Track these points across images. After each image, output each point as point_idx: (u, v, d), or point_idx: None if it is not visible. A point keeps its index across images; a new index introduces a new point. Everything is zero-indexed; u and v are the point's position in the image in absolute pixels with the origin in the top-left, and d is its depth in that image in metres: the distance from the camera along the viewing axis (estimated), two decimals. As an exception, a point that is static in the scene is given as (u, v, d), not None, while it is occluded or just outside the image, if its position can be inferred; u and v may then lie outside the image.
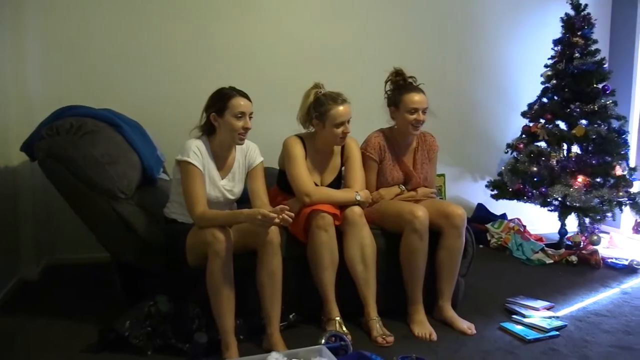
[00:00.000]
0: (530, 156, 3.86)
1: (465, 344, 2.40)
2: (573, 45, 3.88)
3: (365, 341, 2.37)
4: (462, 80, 4.36)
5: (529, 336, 2.45)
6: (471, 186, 4.45)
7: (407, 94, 2.70)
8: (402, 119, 2.72)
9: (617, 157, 3.73)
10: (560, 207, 3.75)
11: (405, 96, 2.69)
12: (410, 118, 2.68)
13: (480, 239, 4.10)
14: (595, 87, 3.83)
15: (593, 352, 2.34)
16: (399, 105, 2.70)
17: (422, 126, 2.75)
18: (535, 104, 4.03)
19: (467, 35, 4.35)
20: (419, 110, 2.68)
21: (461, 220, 2.54)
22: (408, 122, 2.70)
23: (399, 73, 2.79)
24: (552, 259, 3.71)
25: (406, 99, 2.68)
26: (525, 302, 2.82)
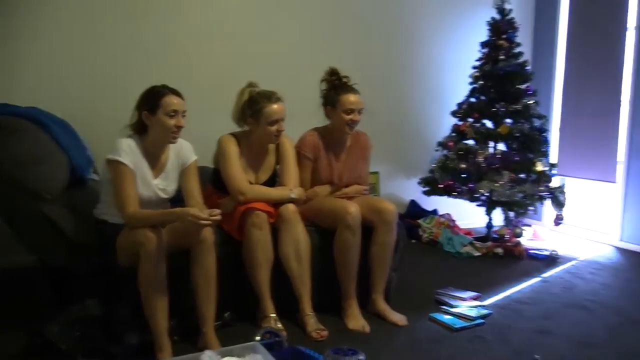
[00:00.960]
0: (459, 154, 4.03)
1: (396, 334, 2.49)
2: (498, 48, 4.08)
3: (301, 336, 2.41)
4: (395, 81, 4.50)
5: (457, 325, 2.56)
6: (404, 183, 4.59)
7: (343, 94, 2.75)
8: (338, 119, 2.77)
9: (538, 154, 3.96)
10: (487, 201, 3.93)
11: (342, 96, 2.75)
12: (346, 118, 2.74)
13: (413, 234, 4.24)
14: (518, 87, 4.05)
15: (515, 337, 2.48)
16: (336, 105, 2.75)
17: (357, 126, 2.81)
18: (464, 104, 4.21)
19: (401, 37, 4.48)
20: (355, 110, 2.74)
21: (392, 215, 2.62)
22: (344, 121, 2.75)
23: (334, 72, 2.84)
24: (480, 252, 3.90)
25: (343, 99, 2.74)
26: (454, 293, 2.95)
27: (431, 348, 2.36)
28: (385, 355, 2.27)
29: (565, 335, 2.52)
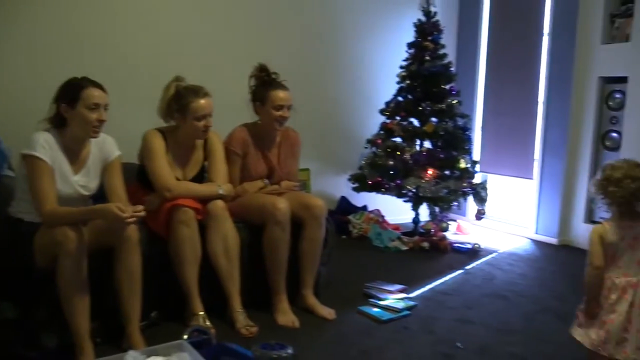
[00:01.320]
0: (387, 151, 4.13)
1: (325, 328, 2.52)
2: (424, 49, 4.21)
3: (230, 333, 2.39)
4: (325, 79, 4.55)
5: (384, 317, 2.63)
6: (335, 180, 4.65)
7: (273, 90, 2.76)
8: (267, 115, 2.77)
9: (461, 151, 4.12)
10: (414, 197, 4.05)
11: (272, 92, 2.75)
12: (275, 114, 2.74)
13: (343, 229, 4.30)
14: (443, 87, 4.19)
15: (439, 327, 2.58)
16: (265, 101, 2.75)
17: (286, 122, 2.82)
18: (391, 103, 4.31)
19: (330, 36, 4.53)
20: (285, 106, 2.75)
21: (321, 211, 2.65)
22: (273, 118, 2.76)
23: (263, 69, 2.84)
24: (407, 246, 4.01)
25: (272, 96, 2.74)
26: (382, 286, 3.02)
27: (359, 340, 2.41)
28: (314, 349, 2.30)
29: (485, 324, 2.65)
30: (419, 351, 2.31)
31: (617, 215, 1.93)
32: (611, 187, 1.90)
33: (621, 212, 1.92)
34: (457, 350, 2.33)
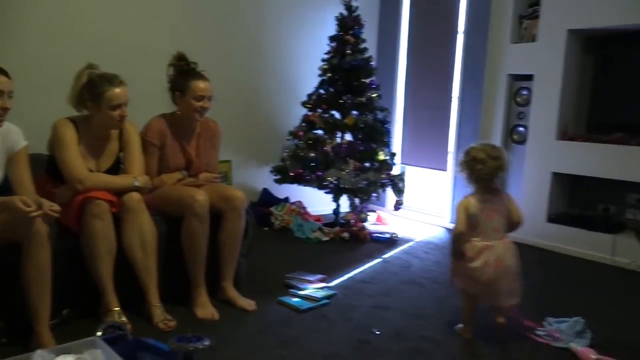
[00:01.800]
0: (309, 143, 4.17)
1: (246, 320, 2.53)
2: (345, 43, 4.28)
3: (148, 328, 2.34)
4: (247, 70, 4.52)
5: (303, 306, 2.67)
6: (257, 172, 4.64)
7: (193, 80, 2.70)
8: (187, 105, 2.72)
9: (380, 144, 4.24)
10: (335, 189, 4.12)
11: (192, 83, 2.69)
12: (196, 105, 2.69)
13: (265, 221, 4.31)
14: (363, 81, 4.28)
15: (357, 314, 2.66)
16: (185, 91, 2.69)
17: (206, 113, 2.78)
18: (313, 95, 4.35)
19: (252, 27, 4.50)
20: (205, 97, 2.70)
21: (241, 202, 2.65)
22: (193, 108, 2.71)
23: (182, 57, 2.78)
24: (328, 237, 4.08)
25: (193, 86, 2.69)
26: (302, 276, 3.06)
27: (279, 330, 2.43)
28: (234, 340, 2.30)
29: (401, 309, 2.76)
30: (337, 338, 2.37)
31: (479, 191, 2.36)
32: (477, 165, 2.32)
33: (482, 188, 2.35)
34: (373, 336, 2.41)
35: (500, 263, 2.30)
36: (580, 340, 2.39)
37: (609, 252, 3.86)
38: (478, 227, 2.32)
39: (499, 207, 2.36)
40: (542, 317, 2.62)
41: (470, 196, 2.37)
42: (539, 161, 4.27)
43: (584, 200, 4.34)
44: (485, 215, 2.33)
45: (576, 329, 2.44)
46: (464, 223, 2.32)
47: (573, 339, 2.39)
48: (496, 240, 2.32)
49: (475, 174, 2.34)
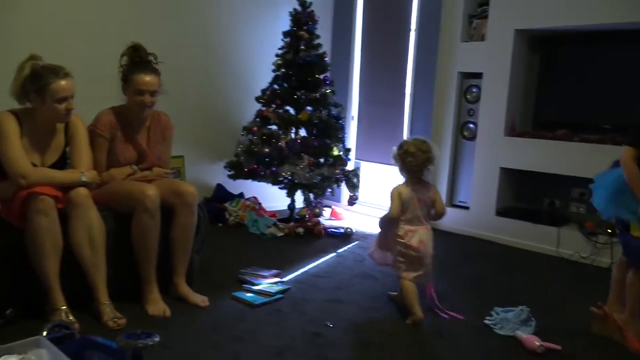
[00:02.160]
0: (263, 138, 4.16)
1: (198, 316, 2.50)
2: (299, 38, 4.28)
3: (97, 327, 2.29)
4: (200, 65, 4.46)
5: (257, 301, 2.67)
6: (210, 167, 4.59)
7: (137, 73, 2.62)
8: (131, 98, 2.65)
9: (335, 139, 4.27)
10: (289, 184, 4.12)
11: (136, 75, 2.62)
12: (137, 99, 2.62)
13: (220, 217, 4.28)
14: (317, 77, 4.30)
15: (310, 308, 2.67)
16: (129, 83, 2.63)
17: (151, 107, 2.70)
18: (267, 90, 4.34)
19: (206, 23, 4.45)
20: (146, 92, 2.62)
21: (193, 198, 2.61)
22: (135, 102, 2.64)
23: (137, 48, 2.69)
24: (283, 232, 4.08)
25: (136, 79, 2.61)
26: (256, 271, 3.06)
27: (232, 325, 2.42)
28: (186, 336, 2.28)
29: (354, 302, 2.79)
30: (290, 332, 2.38)
31: (410, 181, 2.66)
32: (409, 158, 2.60)
33: (413, 178, 2.65)
34: (327, 329, 2.43)
35: (423, 244, 2.62)
36: (525, 328, 2.48)
37: (554, 244, 4.01)
38: (406, 212, 2.63)
39: (424, 197, 2.66)
40: (491, 307, 2.70)
41: (402, 185, 2.68)
42: (488, 157, 4.39)
43: (531, 194, 4.49)
44: (413, 203, 2.63)
45: (521, 317, 2.52)
46: (398, 208, 2.63)
47: (519, 326, 2.47)
48: (419, 226, 2.64)
49: (407, 165, 2.64)
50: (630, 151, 2.31)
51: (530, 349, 2.30)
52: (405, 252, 2.63)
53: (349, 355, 2.18)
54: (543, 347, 2.29)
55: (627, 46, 3.90)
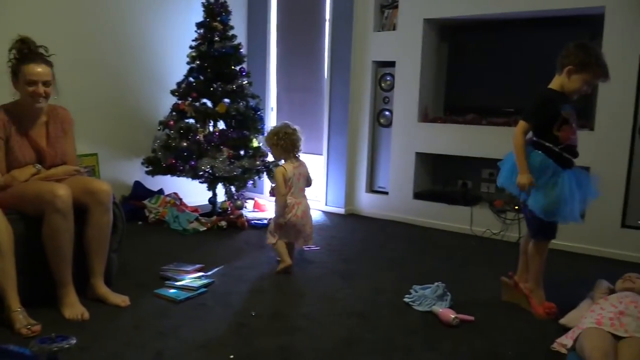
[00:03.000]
0: (180, 132, 4.08)
1: (120, 316, 2.44)
2: (213, 30, 4.22)
3: (10, 336, 2.17)
4: (113, 61, 4.30)
5: (180, 297, 2.64)
6: (127, 165, 4.45)
7: (27, 64, 2.46)
8: (23, 91, 2.51)
9: (254, 131, 4.26)
10: (209, 178, 4.07)
11: (25, 66, 2.46)
12: (29, 90, 2.47)
13: (139, 215, 4.17)
14: (233, 68, 4.27)
15: (235, 300, 2.67)
16: (19, 75, 2.48)
17: (46, 99, 2.55)
18: (182, 83, 4.25)
19: (116, 16, 4.28)
20: (39, 82, 2.47)
21: (107, 195, 2.53)
22: (27, 94, 2.49)
23: (25, 41, 2.54)
24: (206, 226, 4.04)
25: (25, 70, 2.46)
26: (179, 267, 3.01)
27: (155, 322, 2.38)
28: (107, 337, 2.21)
29: (278, 291, 2.84)
30: (215, 325, 2.37)
31: (287, 160, 3.17)
32: (280, 141, 3.13)
33: (288, 157, 3.17)
34: (252, 319, 2.44)
35: (305, 214, 3.16)
36: (442, 302, 2.61)
37: (467, 223, 4.24)
38: (291, 188, 3.12)
39: (302, 172, 3.19)
40: (410, 286, 2.82)
41: (284, 165, 3.16)
42: (403, 143, 4.55)
43: (445, 177, 4.71)
44: (295, 178, 3.14)
45: (438, 293, 2.66)
46: (283, 186, 3.11)
47: (435, 302, 2.60)
48: (302, 198, 3.18)
49: (287, 146, 3.14)
50: (522, 125, 2.50)
51: (446, 321, 2.43)
52: (284, 224, 3.12)
53: (275, 342, 2.21)
54: (458, 318, 2.43)
55: (526, 33, 4.16)
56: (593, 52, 2.45)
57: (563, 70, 2.48)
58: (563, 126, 2.50)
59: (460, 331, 2.38)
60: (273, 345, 2.19)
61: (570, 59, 2.46)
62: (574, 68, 2.45)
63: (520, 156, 2.48)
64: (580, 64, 2.43)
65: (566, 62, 2.47)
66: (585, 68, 2.44)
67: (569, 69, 2.46)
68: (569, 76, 2.47)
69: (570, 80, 2.48)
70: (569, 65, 2.46)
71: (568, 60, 2.46)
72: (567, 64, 2.46)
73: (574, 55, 2.45)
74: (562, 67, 2.49)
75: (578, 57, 2.44)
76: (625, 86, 3.58)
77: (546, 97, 2.53)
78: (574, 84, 2.47)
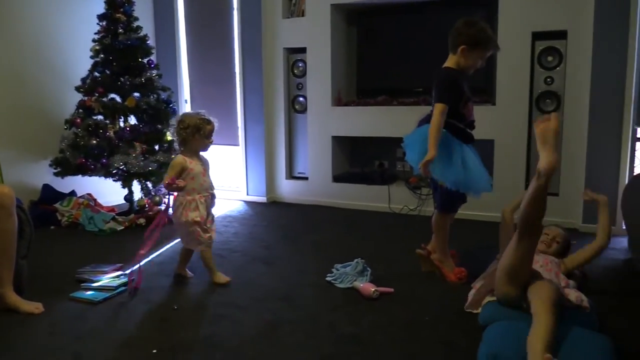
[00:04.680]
0: (89, 130, 3.92)
1: (33, 323, 2.33)
2: (117, 21, 4.07)
3: None
4: (9, 57, 4.04)
5: (99, 298, 2.55)
6: (33, 167, 4.22)
7: None
8: None
9: (167, 124, 4.16)
10: (123, 175, 3.94)
11: None
12: None
13: (52, 219, 3.98)
14: (141, 61, 4.14)
15: (155, 295, 2.63)
16: None
17: None
18: (88, 79, 4.08)
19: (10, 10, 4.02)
20: None
21: (9, 199, 2.39)
22: None
23: None
24: (123, 225, 3.92)
25: None
26: (95, 268, 2.92)
27: (72, 326, 2.29)
28: (21, 346, 2.11)
29: (201, 282, 2.80)
30: (136, 322, 2.33)
31: (189, 151, 2.76)
32: (183, 131, 2.71)
33: (192, 149, 2.76)
34: (173, 312, 2.41)
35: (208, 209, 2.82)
36: (362, 278, 2.70)
37: (386, 202, 4.38)
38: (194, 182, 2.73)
39: (206, 167, 2.84)
40: (332, 266, 2.88)
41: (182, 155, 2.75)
42: (319, 127, 4.61)
43: (363, 158, 4.83)
44: (197, 172, 2.75)
45: (358, 269, 2.74)
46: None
47: (356, 277, 2.69)
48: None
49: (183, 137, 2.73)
50: (439, 107, 2.58)
51: (367, 295, 2.51)
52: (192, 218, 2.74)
53: (199, 333, 2.20)
54: (378, 291, 2.52)
55: (429, 15, 4.32)
56: (481, 27, 2.58)
57: (457, 49, 2.60)
58: (467, 104, 2.64)
59: (380, 303, 2.48)
60: (197, 335, 2.18)
61: (462, 38, 2.58)
62: (468, 47, 2.57)
63: (437, 134, 2.52)
64: (473, 41, 2.56)
65: (458, 41, 2.59)
66: (479, 44, 2.57)
67: (462, 49, 2.58)
68: (464, 54, 2.59)
69: (466, 58, 2.60)
70: (462, 44, 2.58)
71: (460, 39, 2.58)
72: (460, 43, 2.58)
73: (465, 35, 2.57)
74: (455, 46, 2.61)
75: (469, 35, 2.56)
76: (521, 62, 3.81)
77: (452, 77, 2.63)
78: (470, 60, 2.60)
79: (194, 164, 2.74)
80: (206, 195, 2.78)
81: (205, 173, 2.80)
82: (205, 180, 2.79)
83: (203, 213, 2.74)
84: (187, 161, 2.72)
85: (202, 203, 2.75)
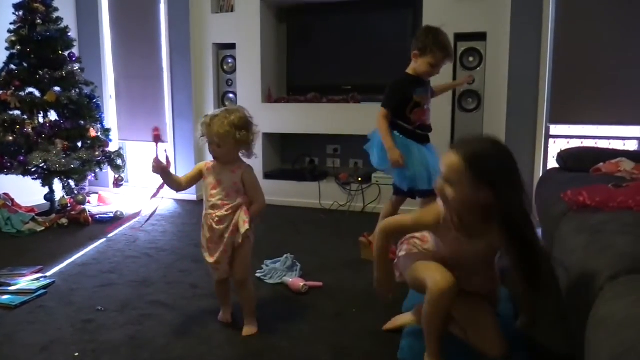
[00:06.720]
0: (5, 125, 3.71)
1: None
2: (35, 11, 3.88)
3: None
4: None
5: (15, 302, 2.44)
6: (-58, 165, 3.94)
7: None
8: None
9: (90, 120, 4.01)
10: (43, 173, 3.77)
11: None
12: None
13: (-39, 221, 3.74)
14: (61, 54, 3.97)
15: (78, 297, 2.53)
16: None
17: None
18: (3, 71, 3.86)
19: None
20: None
21: None
22: None
23: None
24: (44, 226, 3.74)
25: None
26: (12, 271, 2.78)
27: (-13, 333, 2.18)
28: None
29: (127, 282, 2.73)
30: (57, 325, 2.24)
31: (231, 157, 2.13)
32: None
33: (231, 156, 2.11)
34: (98, 314, 2.34)
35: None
36: (291, 273, 2.72)
37: (317, 198, 4.42)
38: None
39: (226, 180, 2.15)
40: (262, 262, 2.89)
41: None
42: (250, 124, 4.58)
43: (293, 155, 4.85)
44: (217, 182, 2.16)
45: (287, 264, 2.77)
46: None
47: (285, 273, 2.71)
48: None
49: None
50: (381, 111, 2.70)
51: (296, 290, 2.54)
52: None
53: (124, 333, 2.15)
54: (307, 286, 2.55)
55: (358, 14, 4.39)
56: (433, 36, 2.65)
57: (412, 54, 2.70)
58: (415, 109, 2.72)
59: (309, 297, 2.51)
60: (122, 336, 2.12)
61: (415, 44, 2.69)
62: (418, 52, 2.67)
63: (387, 136, 2.65)
64: (422, 48, 2.65)
65: (413, 46, 2.70)
66: (426, 52, 2.65)
67: (414, 54, 2.69)
68: (415, 60, 2.69)
69: (417, 64, 2.70)
70: (414, 50, 2.68)
71: (414, 44, 2.69)
72: (413, 49, 2.69)
73: (418, 40, 2.68)
74: (411, 51, 2.70)
75: (420, 41, 2.66)
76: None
77: (397, 84, 2.73)
78: (421, 67, 2.69)
79: (211, 172, 2.15)
80: (210, 214, 2.14)
81: (216, 187, 2.13)
82: (212, 194, 2.14)
83: (206, 235, 2.17)
84: (205, 167, 2.17)
85: (206, 224, 2.16)
